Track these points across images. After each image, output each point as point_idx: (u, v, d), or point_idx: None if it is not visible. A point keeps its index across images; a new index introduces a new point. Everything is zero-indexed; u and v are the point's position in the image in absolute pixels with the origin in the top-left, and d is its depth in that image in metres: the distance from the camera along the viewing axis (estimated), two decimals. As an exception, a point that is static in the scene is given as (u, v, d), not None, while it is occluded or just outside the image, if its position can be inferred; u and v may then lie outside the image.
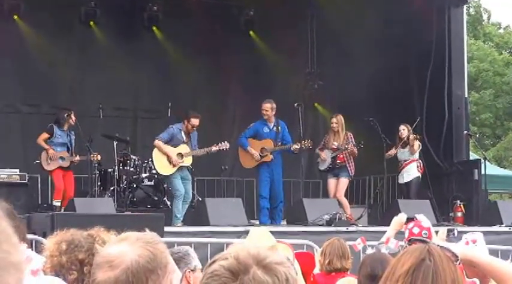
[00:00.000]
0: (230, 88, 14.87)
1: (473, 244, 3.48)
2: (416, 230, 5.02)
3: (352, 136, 12.18)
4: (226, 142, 11.35)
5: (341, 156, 12.13)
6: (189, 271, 4.07)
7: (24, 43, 13.24)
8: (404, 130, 12.53)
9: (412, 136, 12.44)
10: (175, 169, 11.07)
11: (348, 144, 12.04)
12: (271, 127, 11.69)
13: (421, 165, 12.63)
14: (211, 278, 1.72)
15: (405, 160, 12.54)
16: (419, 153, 12.70)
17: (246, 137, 11.71)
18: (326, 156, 12.20)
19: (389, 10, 13.56)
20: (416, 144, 12.48)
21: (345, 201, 12.16)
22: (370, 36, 13.69)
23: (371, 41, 13.73)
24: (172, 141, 11.15)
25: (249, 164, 11.79)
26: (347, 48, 14.17)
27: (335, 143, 12.12)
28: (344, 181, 12.21)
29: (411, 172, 12.51)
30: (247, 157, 11.72)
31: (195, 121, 11.09)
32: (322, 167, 12.36)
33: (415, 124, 12.66)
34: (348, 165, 12.16)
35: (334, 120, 12.21)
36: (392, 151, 12.49)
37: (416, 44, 13.89)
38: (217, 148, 11.24)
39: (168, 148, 11.09)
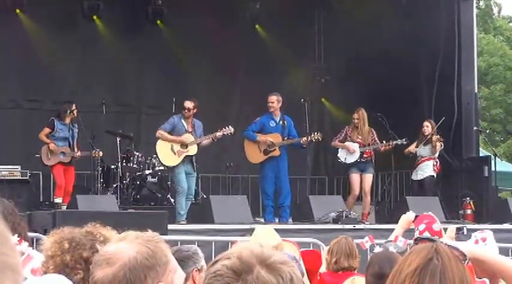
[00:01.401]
0: (236, 83, 14.75)
1: (483, 243, 3.38)
2: (427, 234, 4.93)
3: (374, 132, 12.01)
4: (230, 126, 11.13)
5: (368, 151, 12.01)
6: (196, 270, 3.99)
7: (27, 37, 13.17)
8: (428, 128, 12.37)
9: (435, 138, 12.24)
10: (180, 159, 10.84)
11: (374, 140, 11.92)
12: (277, 121, 11.50)
13: (438, 164, 12.45)
14: (214, 278, 1.72)
15: (423, 157, 12.36)
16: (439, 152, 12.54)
17: (253, 131, 11.50)
18: (355, 148, 11.94)
19: (398, 4, 13.42)
20: (439, 145, 12.31)
21: (369, 198, 12.04)
22: (377, 31, 13.57)
23: (379, 35, 13.61)
24: (174, 131, 10.98)
25: (256, 159, 11.52)
26: (354, 42, 14.01)
27: (360, 137, 11.93)
28: (371, 177, 12.13)
29: (426, 169, 12.36)
30: (254, 151, 11.48)
31: (187, 104, 10.92)
32: (350, 160, 11.97)
33: (439, 123, 12.45)
34: (372, 160, 12.06)
35: (355, 115, 12.05)
36: (412, 148, 12.28)
37: (425, 38, 13.74)
38: (222, 133, 11.05)
39: (173, 137, 10.89)
